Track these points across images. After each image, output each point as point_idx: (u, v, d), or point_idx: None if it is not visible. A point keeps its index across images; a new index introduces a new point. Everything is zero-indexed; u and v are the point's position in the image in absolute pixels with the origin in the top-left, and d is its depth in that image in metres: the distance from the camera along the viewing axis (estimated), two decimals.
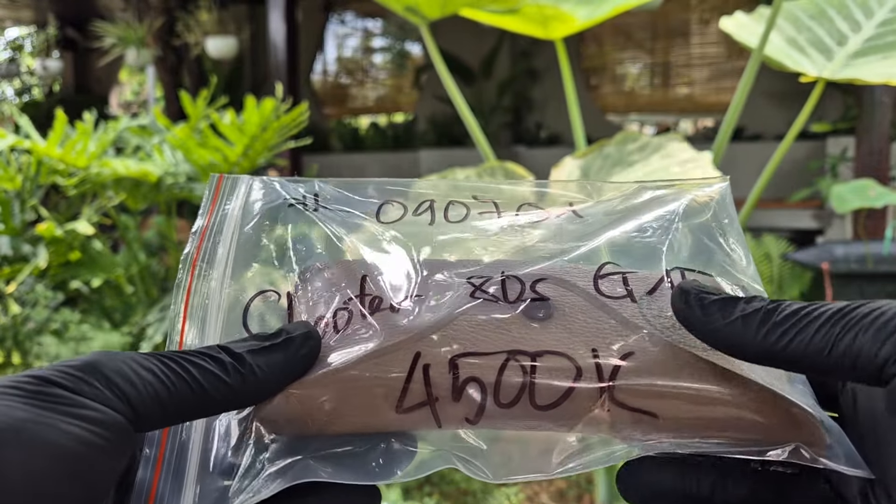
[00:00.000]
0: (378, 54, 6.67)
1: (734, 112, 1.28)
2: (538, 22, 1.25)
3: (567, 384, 0.24)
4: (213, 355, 0.23)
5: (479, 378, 0.24)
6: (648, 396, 0.24)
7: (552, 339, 0.25)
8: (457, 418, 0.24)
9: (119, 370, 0.21)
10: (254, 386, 0.23)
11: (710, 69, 5.23)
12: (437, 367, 0.24)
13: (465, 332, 0.25)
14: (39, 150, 2.12)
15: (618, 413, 0.24)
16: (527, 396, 0.24)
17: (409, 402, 0.24)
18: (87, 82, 6.84)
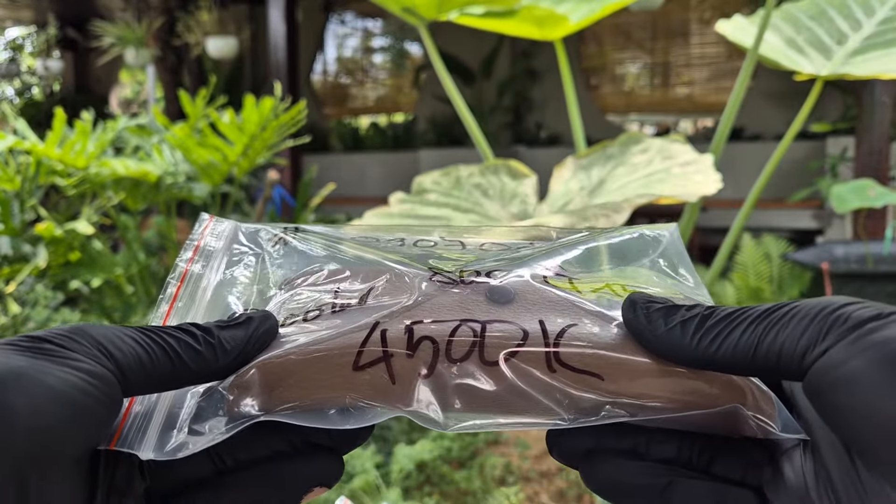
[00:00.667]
0: (378, 54, 6.67)
1: (731, 112, 1.29)
2: (533, 24, 1.26)
3: (515, 342, 0.26)
4: (186, 329, 0.26)
5: (432, 337, 0.26)
6: (593, 359, 0.25)
7: (505, 314, 0.27)
8: (411, 373, 0.26)
9: (105, 335, 0.23)
10: (223, 358, 0.26)
11: (710, 69, 5.23)
12: (394, 331, 0.26)
13: (424, 307, 0.28)
14: (38, 150, 2.12)
15: (564, 374, 0.25)
16: (477, 352, 0.26)
17: (364, 360, 0.26)
18: (87, 82, 6.84)
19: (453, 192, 1.11)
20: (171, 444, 0.25)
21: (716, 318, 0.24)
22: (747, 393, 0.25)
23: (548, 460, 2.11)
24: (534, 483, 1.96)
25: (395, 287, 0.29)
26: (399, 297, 0.29)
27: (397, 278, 0.30)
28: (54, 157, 2.15)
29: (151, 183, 2.33)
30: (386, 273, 0.30)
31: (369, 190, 5.63)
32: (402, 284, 0.29)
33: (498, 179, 1.16)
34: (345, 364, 0.26)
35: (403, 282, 0.29)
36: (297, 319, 0.28)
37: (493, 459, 1.99)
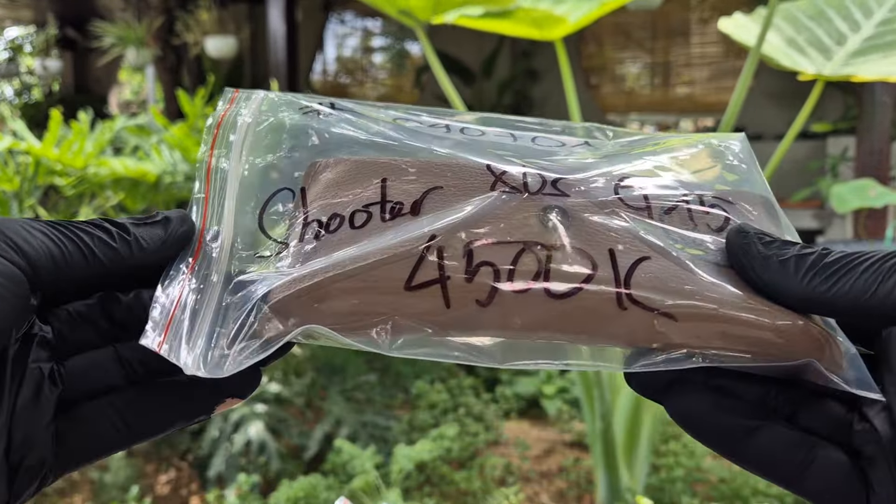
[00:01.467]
0: (378, 54, 6.67)
1: (733, 111, 1.28)
2: (531, 24, 1.25)
3: (585, 272, 0.24)
4: (100, 224, 0.25)
5: (493, 262, 0.24)
6: (666, 297, 0.24)
7: (569, 236, 0.25)
8: (467, 300, 0.24)
9: (13, 229, 0.22)
10: (139, 254, 0.25)
11: (711, 69, 5.23)
12: (451, 250, 0.24)
13: (484, 221, 0.25)
14: (36, 151, 2.12)
15: (634, 313, 0.24)
16: (541, 284, 0.24)
17: (419, 279, 0.24)
18: (86, 82, 6.83)
19: None
20: (213, 359, 0.24)
21: (833, 257, 0.23)
22: (825, 347, 0.24)
23: (548, 461, 2.10)
24: (534, 483, 1.96)
25: (451, 190, 0.27)
26: (456, 204, 0.26)
27: (454, 177, 0.27)
28: (52, 158, 2.15)
29: (150, 183, 2.33)
30: (440, 171, 0.27)
31: None
32: (459, 187, 0.27)
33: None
34: (397, 282, 0.24)
35: (460, 184, 0.27)
36: (345, 225, 0.26)
37: (493, 460, 1.98)
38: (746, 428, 0.24)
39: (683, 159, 0.30)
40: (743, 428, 0.24)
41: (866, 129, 2.90)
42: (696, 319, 0.24)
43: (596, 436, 1.50)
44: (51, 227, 0.23)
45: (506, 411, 2.40)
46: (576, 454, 2.13)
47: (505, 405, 2.39)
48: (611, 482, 1.53)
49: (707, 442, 0.25)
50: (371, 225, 0.26)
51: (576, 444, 2.21)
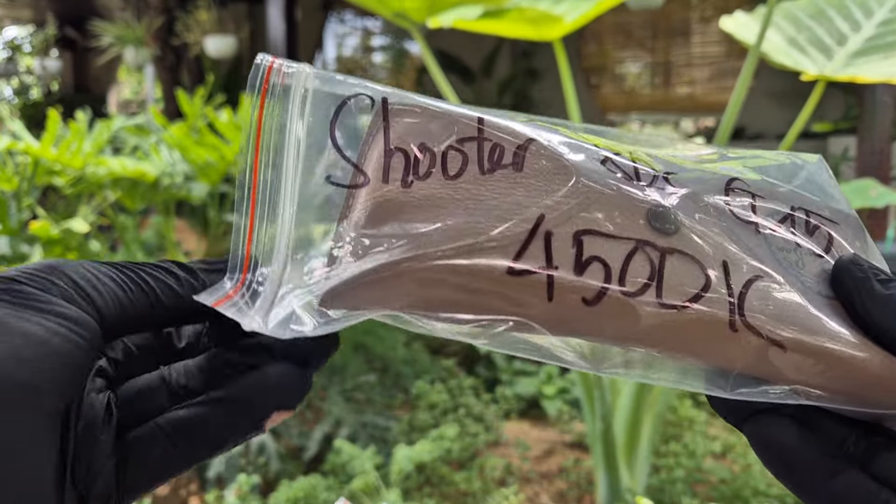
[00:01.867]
0: (378, 53, 6.66)
1: (733, 110, 1.28)
2: (528, 24, 1.25)
3: (699, 284, 0.22)
4: (167, 268, 0.24)
5: (604, 259, 0.22)
6: (779, 326, 0.22)
7: (681, 242, 0.23)
8: (573, 296, 0.22)
9: (82, 274, 0.22)
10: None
11: (712, 68, 5.22)
12: (561, 237, 0.22)
13: (597, 207, 0.23)
14: (34, 151, 2.12)
15: (747, 337, 0.22)
16: (654, 289, 0.22)
17: (525, 262, 0.21)
18: (85, 82, 6.83)
19: None
20: (280, 320, 0.21)
21: None
22: None
23: (548, 461, 2.10)
24: (534, 484, 1.95)
25: (556, 149, 0.24)
26: (562, 171, 0.23)
27: (562, 148, 0.24)
28: (50, 158, 2.14)
29: (150, 183, 2.32)
30: (546, 130, 0.24)
31: None
32: (568, 158, 0.24)
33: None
34: (498, 266, 0.21)
35: (570, 155, 0.24)
36: (436, 169, 0.23)
37: (493, 460, 1.98)
38: (829, 469, 0.23)
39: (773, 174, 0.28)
40: (826, 468, 0.23)
41: (867, 128, 2.89)
42: (804, 353, 0.22)
43: (596, 436, 1.50)
44: (117, 271, 0.23)
45: (506, 412, 2.39)
46: (576, 455, 2.12)
47: (505, 406, 2.39)
48: (611, 483, 1.52)
49: (783, 475, 0.24)
50: (467, 175, 0.23)
51: (576, 445, 2.21)
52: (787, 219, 0.25)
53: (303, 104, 0.24)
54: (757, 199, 0.25)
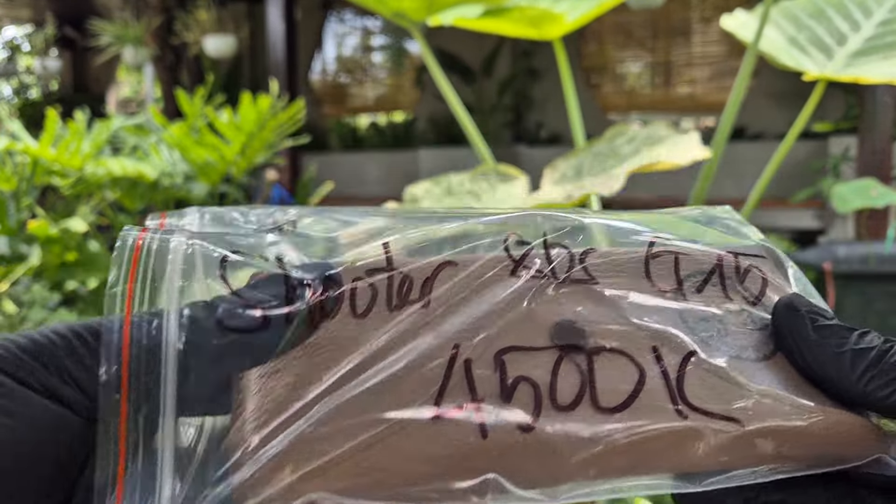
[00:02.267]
0: (377, 53, 6.66)
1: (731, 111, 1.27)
2: (528, 24, 1.24)
3: (631, 382, 0.21)
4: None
5: (531, 378, 0.21)
6: (725, 405, 0.21)
7: (610, 335, 0.22)
8: (508, 426, 0.20)
9: (72, 349, 0.19)
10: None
11: (712, 68, 5.22)
12: (481, 363, 0.21)
13: (511, 321, 0.21)
14: (32, 151, 2.11)
15: (695, 417, 0.21)
16: (588, 396, 0.21)
17: (448, 400, 0.20)
18: (85, 81, 6.83)
19: (445, 199, 1.10)
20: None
21: (893, 359, 0.21)
22: (889, 440, 0.21)
23: None
24: None
25: (465, 269, 0.22)
26: (475, 293, 0.22)
27: (468, 251, 0.23)
28: (49, 158, 2.14)
29: (149, 183, 2.32)
30: (452, 240, 0.23)
31: (368, 189, 5.62)
32: (475, 269, 0.22)
33: (489, 184, 1.15)
34: (419, 426, 0.19)
35: (476, 265, 0.22)
36: (344, 305, 0.21)
37: None
38: None
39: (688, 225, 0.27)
40: None
41: (868, 128, 2.89)
42: (759, 427, 0.21)
43: None
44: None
45: None
46: None
47: None
48: None
49: None
50: (375, 314, 0.21)
51: None
52: (715, 271, 0.24)
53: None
54: (680, 256, 0.24)
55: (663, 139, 1.20)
